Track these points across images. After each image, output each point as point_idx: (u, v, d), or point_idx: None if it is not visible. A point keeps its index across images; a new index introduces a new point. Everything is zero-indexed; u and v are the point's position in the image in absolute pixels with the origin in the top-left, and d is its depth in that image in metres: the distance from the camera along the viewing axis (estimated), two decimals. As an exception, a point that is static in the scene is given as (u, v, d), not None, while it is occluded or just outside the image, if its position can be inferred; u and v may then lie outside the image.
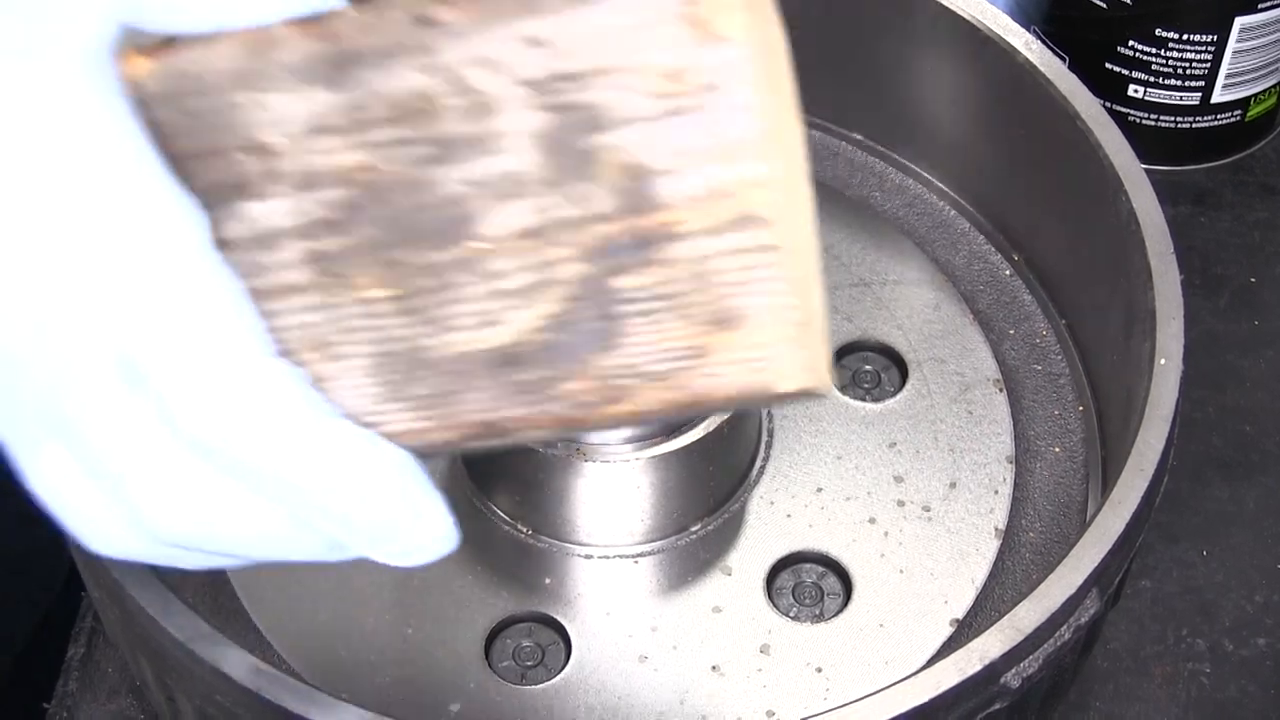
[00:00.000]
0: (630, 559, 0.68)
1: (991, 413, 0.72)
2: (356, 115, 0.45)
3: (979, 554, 0.68)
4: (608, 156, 0.43)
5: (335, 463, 0.44)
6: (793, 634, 0.65)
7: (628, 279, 0.44)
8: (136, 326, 0.42)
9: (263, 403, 0.43)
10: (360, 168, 0.45)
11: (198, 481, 0.44)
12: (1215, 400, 0.79)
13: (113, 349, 0.42)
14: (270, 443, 0.43)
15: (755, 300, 0.43)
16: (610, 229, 0.43)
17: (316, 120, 0.45)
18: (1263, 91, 0.88)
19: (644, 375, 0.44)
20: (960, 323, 0.75)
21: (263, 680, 0.54)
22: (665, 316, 0.44)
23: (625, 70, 0.43)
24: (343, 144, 0.45)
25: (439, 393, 0.46)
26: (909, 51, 0.77)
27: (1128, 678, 0.70)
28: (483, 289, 0.45)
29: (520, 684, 0.64)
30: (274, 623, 0.66)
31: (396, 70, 0.44)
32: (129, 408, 0.43)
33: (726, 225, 0.42)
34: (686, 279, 0.43)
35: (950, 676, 0.54)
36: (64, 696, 0.68)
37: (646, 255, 0.43)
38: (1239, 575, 0.73)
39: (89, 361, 0.42)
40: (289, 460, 0.44)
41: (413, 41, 0.44)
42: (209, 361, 0.43)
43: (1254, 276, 0.85)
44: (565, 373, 0.45)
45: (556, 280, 0.44)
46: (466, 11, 0.44)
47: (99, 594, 0.60)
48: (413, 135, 0.45)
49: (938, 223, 0.79)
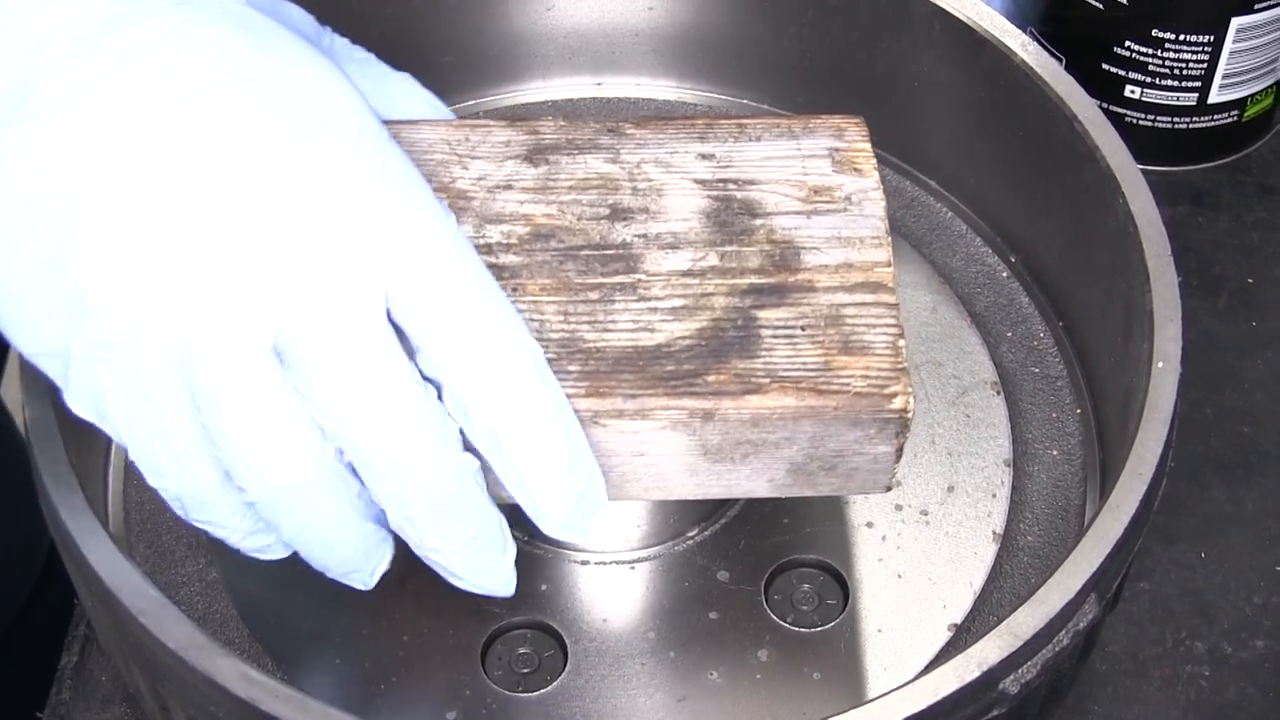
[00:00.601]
0: (627, 565, 0.67)
1: (989, 416, 0.72)
2: (546, 183, 0.61)
3: (977, 558, 0.67)
4: (761, 232, 0.60)
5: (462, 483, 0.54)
6: (790, 640, 0.65)
7: (770, 312, 0.58)
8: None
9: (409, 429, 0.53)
10: (545, 216, 0.60)
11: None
12: (1213, 401, 0.79)
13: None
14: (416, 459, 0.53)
15: (877, 338, 0.57)
16: (757, 279, 0.59)
17: (510, 181, 0.61)
18: (1260, 92, 0.87)
19: (778, 378, 0.56)
20: (957, 325, 0.75)
21: (256, 690, 0.53)
22: (801, 339, 0.57)
23: (781, 182, 0.61)
24: (531, 199, 0.60)
25: (592, 371, 0.56)
26: (905, 53, 0.77)
27: (1126, 680, 0.70)
28: (641, 306, 0.58)
29: (517, 692, 0.64)
30: (268, 631, 0.65)
31: (585, 160, 0.61)
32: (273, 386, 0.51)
33: (857, 288, 0.58)
34: (822, 317, 0.58)
35: (948, 683, 0.54)
36: (57, 705, 0.68)
37: (788, 298, 0.58)
38: (1238, 577, 0.73)
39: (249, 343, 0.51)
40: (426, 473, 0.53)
41: (603, 143, 0.62)
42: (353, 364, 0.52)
43: (1252, 277, 0.85)
44: (708, 368, 0.56)
45: (707, 307, 0.58)
46: (651, 130, 0.63)
47: (92, 602, 0.59)
48: (594, 199, 0.60)
49: (934, 225, 0.79)
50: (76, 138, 0.51)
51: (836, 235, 0.60)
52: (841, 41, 0.79)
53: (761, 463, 0.58)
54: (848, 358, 0.57)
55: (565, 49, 0.84)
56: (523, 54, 0.84)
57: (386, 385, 0.52)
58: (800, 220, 0.60)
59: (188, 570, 0.67)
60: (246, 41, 0.53)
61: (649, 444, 0.57)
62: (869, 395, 0.56)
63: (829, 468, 0.58)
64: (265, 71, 0.52)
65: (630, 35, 0.83)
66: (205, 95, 0.51)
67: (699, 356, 0.57)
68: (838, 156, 0.62)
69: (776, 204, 0.61)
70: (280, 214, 0.51)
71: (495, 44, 0.83)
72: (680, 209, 0.60)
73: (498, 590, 0.57)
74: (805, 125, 0.63)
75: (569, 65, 0.84)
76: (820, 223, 0.60)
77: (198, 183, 0.51)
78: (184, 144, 0.51)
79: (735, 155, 0.62)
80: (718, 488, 0.59)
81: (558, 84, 0.84)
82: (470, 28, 0.82)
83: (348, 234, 0.52)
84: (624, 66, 0.84)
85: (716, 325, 0.57)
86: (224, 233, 0.51)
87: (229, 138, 0.51)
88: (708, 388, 0.56)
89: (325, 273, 0.51)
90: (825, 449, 0.57)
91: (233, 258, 0.51)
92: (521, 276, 0.58)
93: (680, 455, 0.57)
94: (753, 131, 0.63)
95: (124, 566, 0.56)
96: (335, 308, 0.51)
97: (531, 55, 0.84)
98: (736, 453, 0.57)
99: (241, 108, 0.52)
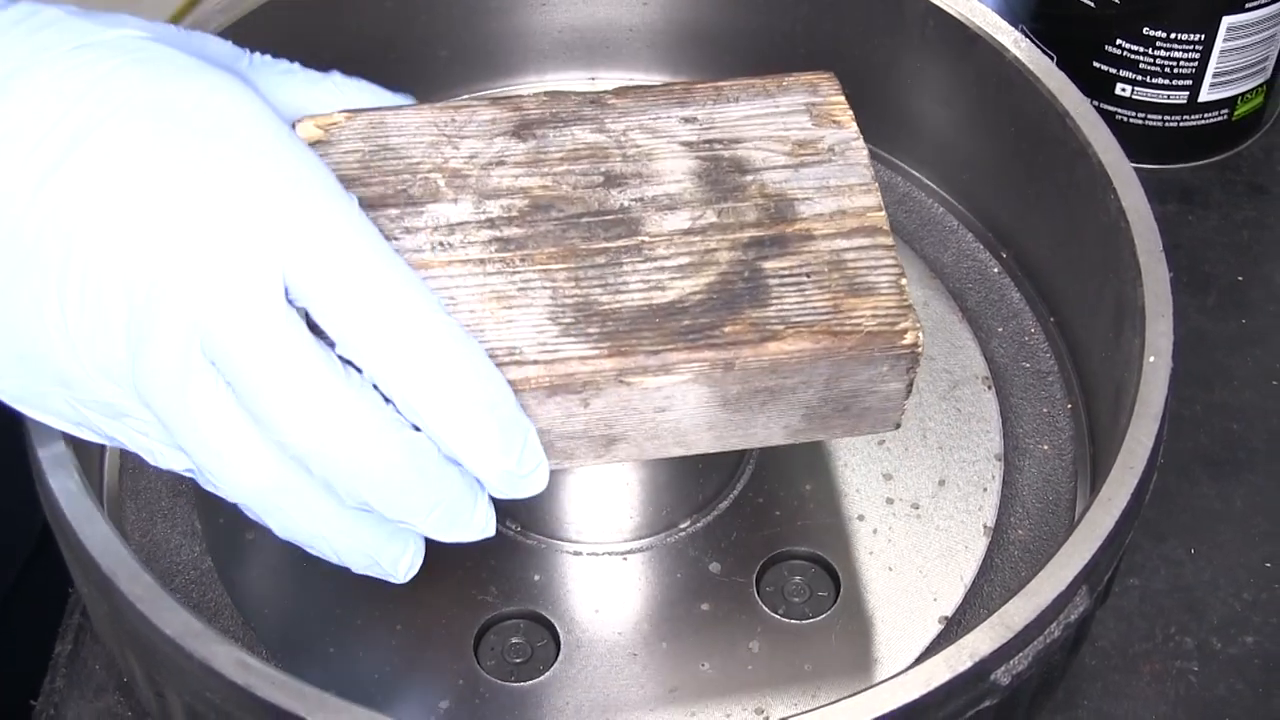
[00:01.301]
0: (619, 556, 0.67)
1: (980, 410, 0.72)
2: (537, 156, 0.62)
3: (968, 551, 0.68)
4: (754, 187, 0.61)
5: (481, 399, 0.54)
6: (782, 631, 0.65)
7: (775, 263, 0.59)
8: (302, 266, 0.52)
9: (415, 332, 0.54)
10: (541, 188, 0.61)
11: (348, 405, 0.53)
12: (1203, 398, 0.79)
13: (279, 287, 0.52)
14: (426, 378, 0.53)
15: (880, 279, 0.59)
16: (756, 232, 0.60)
17: (501, 157, 0.62)
18: (1250, 90, 0.88)
19: (792, 324, 0.58)
20: (949, 320, 0.75)
21: (252, 676, 0.54)
22: (808, 285, 0.59)
23: (765, 139, 0.63)
24: (525, 173, 0.61)
25: (611, 331, 0.57)
26: (897, 49, 0.77)
27: (1116, 676, 0.70)
28: (649, 266, 0.59)
29: (509, 681, 0.64)
30: (262, 619, 0.65)
31: (572, 132, 0.62)
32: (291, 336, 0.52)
33: (854, 233, 0.60)
34: (824, 263, 0.59)
35: (940, 674, 0.54)
36: (51, 694, 0.68)
37: (789, 247, 0.60)
38: (1227, 573, 0.73)
39: (262, 293, 0.52)
40: (439, 397, 0.53)
41: (587, 114, 0.63)
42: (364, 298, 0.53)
43: (1241, 275, 0.85)
44: (724, 320, 0.58)
45: (712, 262, 0.59)
46: (631, 99, 0.64)
47: (87, 589, 0.60)
48: (586, 169, 0.61)
49: (926, 220, 0.79)
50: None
51: (826, 185, 0.61)
52: (835, 37, 0.79)
53: (778, 409, 0.59)
54: (855, 299, 0.58)
55: (560, 43, 0.84)
56: (517, 48, 0.84)
57: (304, 380, 0.53)
58: (789, 173, 0.62)
59: (182, 559, 0.67)
60: (140, 73, 0.54)
61: (671, 398, 0.58)
62: (881, 333, 0.58)
63: (843, 409, 0.60)
64: (157, 99, 0.54)
65: (624, 30, 0.84)
66: (99, 132, 0.53)
67: (713, 309, 0.58)
68: (815, 111, 0.64)
69: (764, 159, 0.62)
70: (179, 229, 0.52)
71: (490, 38, 0.83)
72: (672, 171, 0.62)
73: (479, 537, 0.57)
74: (779, 84, 0.64)
75: (563, 60, 0.85)
76: (809, 174, 0.62)
77: (100, 217, 0.53)
78: (82, 184, 0.53)
79: (716, 116, 0.63)
80: (736, 438, 0.60)
81: (552, 78, 0.85)
82: (465, 22, 0.82)
83: (243, 234, 0.53)
84: (618, 61, 0.85)
85: (724, 279, 0.59)
86: (128, 259, 0.52)
87: (124, 170, 0.53)
88: (725, 338, 0.57)
89: (227, 275, 0.52)
90: (839, 390, 0.59)
91: (143, 281, 0.52)
92: (528, 247, 0.59)
93: (701, 408, 0.58)
94: (730, 93, 0.64)
95: (121, 552, 0.56)
96: (241, 310, 0.52)
97: (526, 50, 0.84)
98: (755, 401, 0.59)
99: (134, 138, 0.53)
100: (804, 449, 0.70)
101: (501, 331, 0.57)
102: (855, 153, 0.63)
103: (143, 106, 0.54)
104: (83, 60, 0.54)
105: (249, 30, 0.71)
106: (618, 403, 0.57)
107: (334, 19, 0.75)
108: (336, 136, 0.61)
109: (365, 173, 0.60)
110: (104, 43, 0.55)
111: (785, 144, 0.63)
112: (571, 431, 0.58)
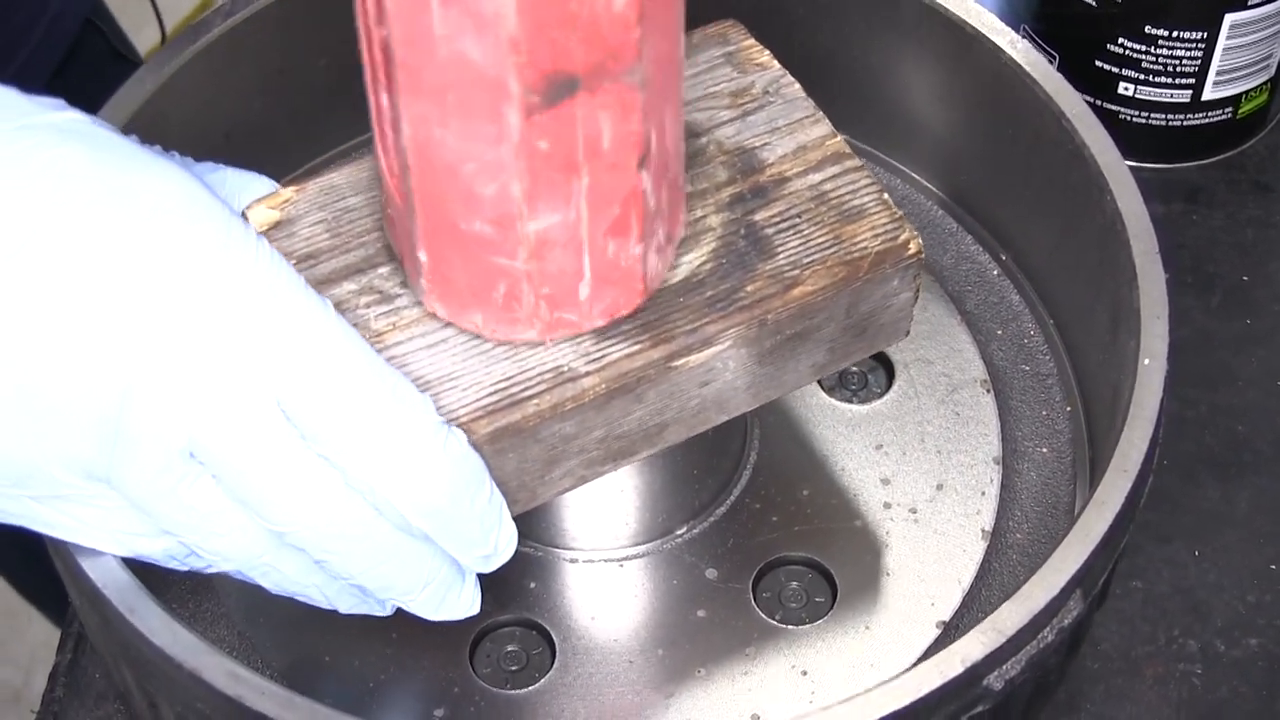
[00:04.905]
0: (615, 563, 0.67)
1: (979, 414, 0.72)
2: None
3: (966, 556, 0.67)
4: (712, 148, 0.62)
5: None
6: (778, 637, 0.65)
7: (763, 213, 0.61)
8: (290, 383, 0.52)
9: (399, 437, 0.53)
10: None
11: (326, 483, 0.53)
12: (1207, 399, 0.79)
13: (272, 398, 0.52)
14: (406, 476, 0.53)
15: (865, 200, 0.61)
16: (734, 189, 0.61)
17: None
18: (1254, 88, 0.87)
19: (805, 265, 0.59)
20: (947, 323, 0.75)
21: (243, 687, 0.54)
22: (803, 225, 0.60)
23: (700, 99, 0.63)
24: None
25: (644, 322, 0.58)
26: (895, 50, 0.77)
27: (1119, 679, 0.70)
28: None
29: (505, 689, 0.64)
30: (255, 629, 0.65)
31: None
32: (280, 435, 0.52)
33: (821, 164, 0.62)
34: (809, 200, 0.61)
35: (932, 679, 0.54)
36: (50, 703, 0.68)
37: (770, 195, 0.61)
38: (1231, 575, 0.73)
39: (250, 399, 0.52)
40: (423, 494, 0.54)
41: None
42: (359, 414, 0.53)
43: (1246, 275, 0.84)
44: (743, 281, 0.59)
45: (706, 229, 0.60)
46: None
47: (80, 600, 0.60)
48: None
49: (925, 222, 0.79)
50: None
51: (776, 127, 0.63)
52: (832, 38, 0.79)
53: (806, 351, 0.61)
54: (852, 225, 0.60)
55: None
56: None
57: (304, 485, 0.53)
58: (738, 125, 0.63)
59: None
60: (90, 159, 0.52)
61: (713, 369, 0.58)
62: (888, 250, 0.60)
63: (860, 333, 0.61)
64: (120, 188, 0.52)
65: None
66: (63, 222, 0.51)
67: (728, 274, 0.59)
68: (734, 59, 0.65)
69: (709, 119, 0.63)
70: (156, 333, 0.51)
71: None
72: None
73: (466, 615, 0.58)
74: (689, 44, 0.63)
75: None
76: (756, 121, 0.63)
77: (86, 309, 0.51)
78: (43, 273, 0.51)
79: None
80: (770, 391, 0.61)
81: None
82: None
83: (233, 334, 0.52)
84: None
85: (725, 242, 0.60)
86: (98, 357, 0.51)
87: (97, 261, 0.51)
88: (751, 297, 0.58)
89: (217, 384, 0.52)
90: (858, 314, 0.60)
91: (116, 382, 0.51)
92: None
93: (741, 372, 0.59)
94: None
95: (111, 565, 0.56)
96: (237, 420, 0.52)
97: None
98: (786, 349, 0.60)
99: (105, 228, 0.51)
100: (801, 454, 0.70)
101: (542, 355, 0.57)
102: (789, 88, 0.64)
103: (105, 196, 0.52)
104: (28, 144, 0.52)
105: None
106: (667, 389, 0.58)
107: (335, 22, 0.75)
108: (293, 213, 0.60)
109: (338, 241, 0.60)
110: (46, 124, 0.53)
111: (721, 98, 0.63)
112: (626, 431, 0.58)
